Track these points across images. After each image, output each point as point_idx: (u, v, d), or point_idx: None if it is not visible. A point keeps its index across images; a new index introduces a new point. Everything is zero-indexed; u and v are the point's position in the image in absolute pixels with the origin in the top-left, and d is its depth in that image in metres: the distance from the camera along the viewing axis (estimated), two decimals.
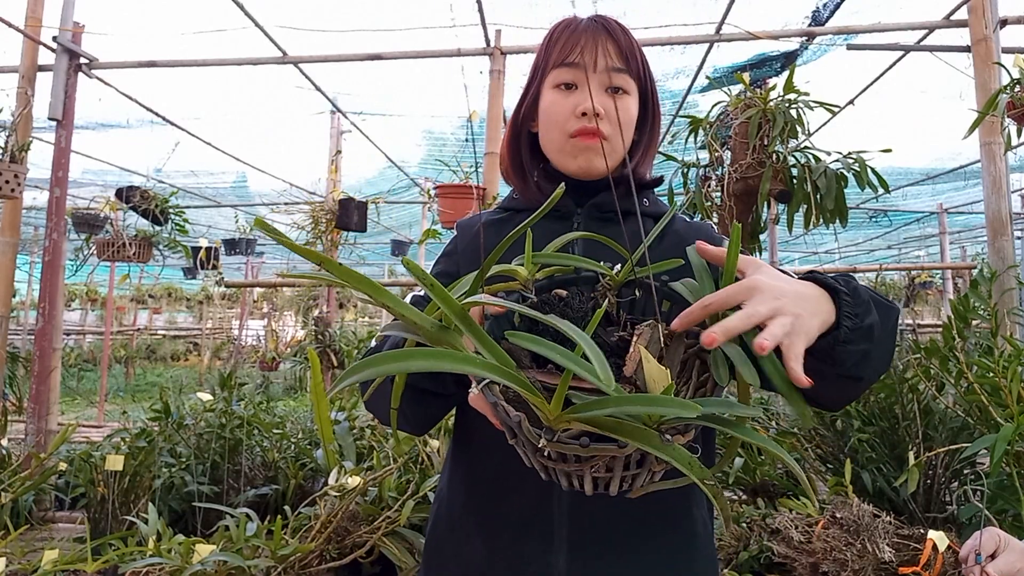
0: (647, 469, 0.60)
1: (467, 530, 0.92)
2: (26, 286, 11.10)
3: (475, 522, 0.92)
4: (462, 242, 1.03)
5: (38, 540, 3.10)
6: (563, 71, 0.94)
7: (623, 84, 0.94)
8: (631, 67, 0.94)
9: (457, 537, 0.93)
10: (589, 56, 0.92)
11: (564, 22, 0.97)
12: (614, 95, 0.93)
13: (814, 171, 2.54)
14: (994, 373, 2.08)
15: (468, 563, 0.91)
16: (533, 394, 0.57)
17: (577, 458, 0.59)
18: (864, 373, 0.71)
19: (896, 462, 2.50)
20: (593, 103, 0.91)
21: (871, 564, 1.98)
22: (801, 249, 12.18)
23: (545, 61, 0.96)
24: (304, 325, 10.25)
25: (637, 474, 0.61)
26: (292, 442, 3.50)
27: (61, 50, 3.83)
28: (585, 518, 0.87)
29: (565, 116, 0.94)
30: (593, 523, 0.87)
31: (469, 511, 0.93)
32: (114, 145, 6.32)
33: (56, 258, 3.83)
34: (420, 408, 0.86)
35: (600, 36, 0.93)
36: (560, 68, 0.94)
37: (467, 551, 0.91)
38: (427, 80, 5.02)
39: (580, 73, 0.92)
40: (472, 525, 0.92)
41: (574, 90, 0.94)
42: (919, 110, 5.50)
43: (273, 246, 12.06)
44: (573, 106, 0.93)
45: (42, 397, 3.71)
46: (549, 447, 0.56)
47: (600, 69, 0.92)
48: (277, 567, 2.12)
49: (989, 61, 3.28)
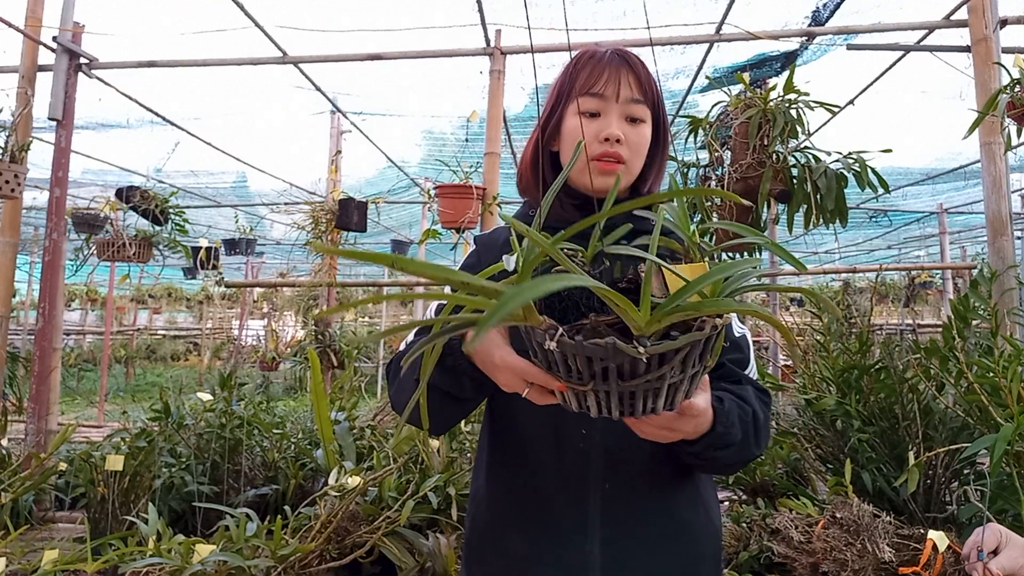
0: (688, 377, 0.68)
1: (507, 527, 1.02)
2: (26, 286, 11.09)
3: (516, 521, 1.02)
4: (486, 256, 1.10)
5: (38, 540, 3.10)
6: (587, 100, 1.03)
7: (641, 115, 1.04)
8: (648, 98, 1.04)
9: (496, 534, 1.03)
10: (612, 88, 1.02)
11: (588, 52, 1.06)
12: (631, 124, 1.04)
13: (814, 171, 2.55)
14: (994, 373, 2.08)
15: (510, 556, 1.01)
16: (623, 301, 0.62)
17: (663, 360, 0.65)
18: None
19: (896, 462, 2.50)
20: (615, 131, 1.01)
21: (871, 564, 1.98)
22: (801, 249, 12.17)
23: (570, 87, 1.05)
24: (304, 325, 10.25)
25: (695, 377, 0.69)
26: (292, 442, 3.50)
27: (61, 50, 3.83)
28: (617, 513, 0.98)
29: (588, 140, 1.02)
30: (623, 518, 0.98)
31: (510, 511, 1.03)
32: (114, 145, 6.31)
33: (56, 258, 3.83)
34: (442, 409, 0.95)
35: (623, 69, 1.03)
36: (585, 97, 1.03)
37: (509, 545, 1.01)
38: (427, 80, 5.02)
39: (604, 102, 1.02)
40: (513, 523, 1.02)
41: (596, 118, 1.03)
42: (919, 110, 5.50)
43: (273, 246, 12.07)
44: (596, 132, 1.02)
45: (42, 397, 3.71)
46: (648, 352, 0.62)
47: (622, 100, 1.02)
48: (277, 567, 2.12)
49: (989, 61, 3.28)
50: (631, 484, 0.99)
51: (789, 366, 5.48)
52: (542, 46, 3.92)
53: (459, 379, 0.89)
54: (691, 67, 4.82)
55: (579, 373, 0.67)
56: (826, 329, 2.87)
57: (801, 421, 3.06)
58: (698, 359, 0.68)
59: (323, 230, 4.72)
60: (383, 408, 4.07)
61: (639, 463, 0.99)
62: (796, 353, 3.41)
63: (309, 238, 4.74)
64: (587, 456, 0.98)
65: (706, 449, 0.88)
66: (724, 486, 3.13)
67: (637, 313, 0.63)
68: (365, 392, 6.62)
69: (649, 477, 0.99)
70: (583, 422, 0.98)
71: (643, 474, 0.99)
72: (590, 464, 0.98)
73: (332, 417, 3.22)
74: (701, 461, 0.92)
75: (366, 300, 0.61)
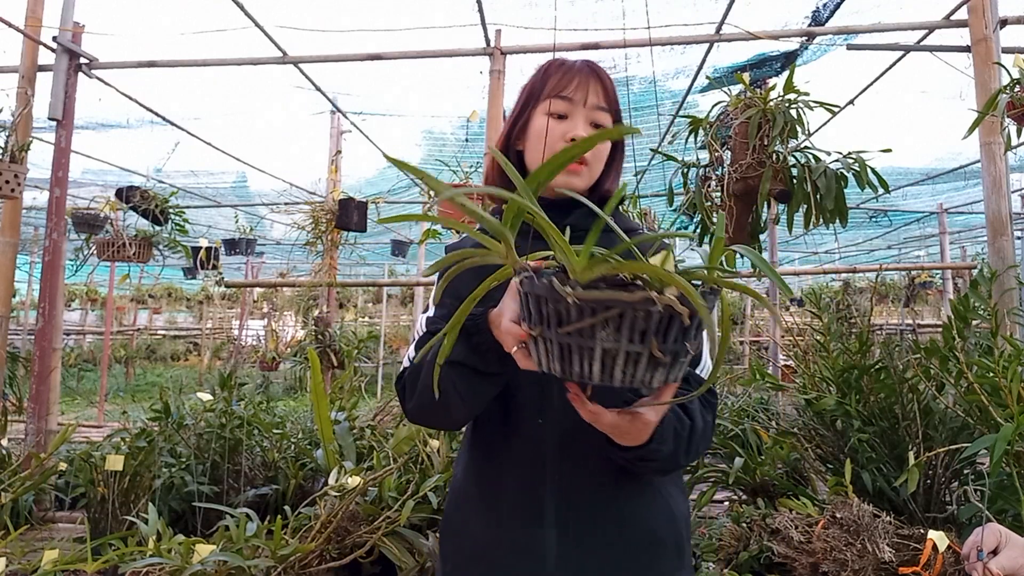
0: (647, 351, 0.70)
1: (473, 511, 1.09)
2: (26, 286, 11.09)
3: (480, 506, 1.09)
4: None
5: (38, 540, 3.10)
6: (557, 102, 1.10)
7: (605, 122, 1.12)
8: (611, 108, 1.12)
9: (465, 517, 1.11)
10: (580, 94, 1.10)
11: (559, 60, 1.14)
12: (596, 129, 1.10)
13: (814, 171, 2.54)
14: (994, 373, 2.08)
15: (474, 538, 1.08)
16: (566, 245, 0.70)
17: (594, 312, 0.69)
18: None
19: (896, 462, 2.50)
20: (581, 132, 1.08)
21: (871, 564, 1.98)
22: (801, 249, 12.19)
23: (540, 90, 1.12)
24: (304, 325, 10.25)
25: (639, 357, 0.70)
26: (292, 442, 3.50)
27: (61, 50, 3.83)
28: (571, 498, 1.03)
29: (554, 140, 1.09)
30: (577, 503, 1.03)
31: (476, 496, 1.10)
32: (114, 145, 6.31)
33: (56, 258, 3.83)
34: (471, 387, 0.98)
35: (592, 78, 1.11)
36: (555, 99, 1.10)
37: (473, 528, 1.08)
38: (427, 80, 5.02)
39: (572, 106, 1.09)
40: (477, 508, 1.09)
41: (563, 120, 1.10)
42: (919, 110, 5.50)
43: (273, 246, 12.07)
44: (563, 133, 1.09)
45: (42, 397, 3.71)
46: (575, 295, 0.68)
47: (589, 105, 1.10)
48: (277, 567, 2.12)
49: (989, 61, 3.28)
50: (583, 472, 1.03)
51: (789, 366, 5.49)
52: (542, 46, 3.92)
53: (484, 355, 0.94)
54: (691, 67, 4.82)
55: (537, 318, 0.74)
56: (826, 329, 2.87)
57: (801, 421, 3.06)
58: (638, 336, 0.69)
59: (323, 230, 4.73)
60: (383, 408, 4.07)
61: (591, 453, 1.01)
62: (780, 320, 3.40)
63: (309, 238, 4.75)
64: (542, 445, 1.04)
65: (635, 459, 0.94)
66: (724, 486, 3.14)
67: (575, 257, 0.70)
68: (365, 392, 6.61)
69: (601, 466, 1.02)
70: (539, 413, 1.04)
71: (595, 463, 1.03)
72: (545, 453, 1.04)
73: (332, 417, 3.21)
74: (628, 464, 0.97)
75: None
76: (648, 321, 0.69)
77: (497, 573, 1.05)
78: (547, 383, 1.02)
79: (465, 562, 1.09)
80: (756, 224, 2.75)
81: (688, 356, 0.75)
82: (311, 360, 3.32)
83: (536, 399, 1.04)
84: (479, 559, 1.07)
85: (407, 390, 1.07)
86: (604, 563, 1.02)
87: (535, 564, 1.01)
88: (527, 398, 1.05)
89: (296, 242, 4.92)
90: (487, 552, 1.05)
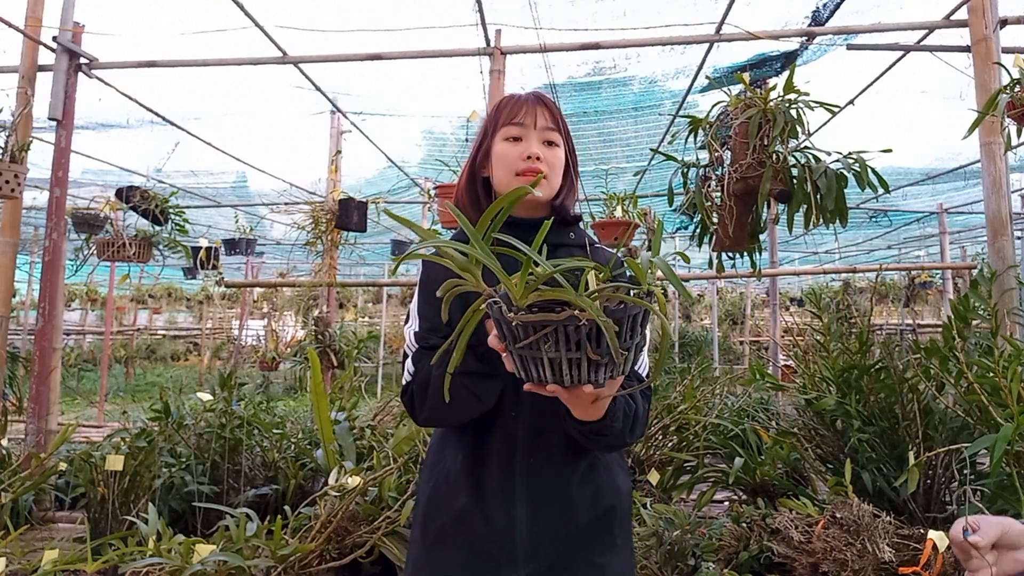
0: (584, 355, 0.84)
1: (455, 490, 1.24)
2: (26, 286, 11.09)
3: (461, 485, 1.23)
4: (432, 271, 1.31)
5: (38, 540, 3.10)
6: (511, 128, 1.28)
7: (555, 139, 1.29)
8: (560, 128, 1.30)
9: (448, 495, 1.24)
10: (530, 118, 1.27)
11: (508, 95, 1.33)
12: (548, 146, 1.28)
13: (814, 171, 2.54)
14: (994, 373, 2.08)
15: (455, 512, 1.23)
16: (507, 278, 0.85)
17: (535, 329, 0.83)
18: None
19: (896, 462, 2.50)
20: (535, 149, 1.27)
21: (871, 564, 1.98)
22: (801, 249, 12.19)
23: (495, 121, 1.30)
24: (304, 325, 10.25)
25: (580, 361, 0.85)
26: (292, 442, 3.50)
27: (61, 50, 3.83)
28: (538, 481, 1.20)
29: (513, 159, 1.26)
30: (543, 484, 1.20)
31: (458, 477, 1.24)
32: (114, 145, 6.31)
33: (56, 258, 3.83)
34: (481, 387, 1.18)
35: (538, 105, 1.29)
36: (509, 126, 1.28)
37: (454, 504, 1.23)
38: (427, 80, 5.02)
39: (524, 130, 1.27)
40: (459, 487, 1.23)
41: (519, 142, 1.27)
42: (919, 110, 5.50)
43: (273, 246, 12.07)
44: (521, 152, 1.26)
45: (42, 397, 3.71)
46: (515, 318, 0.82)
47: (539, 127, 1.28)
48: (277, 567, 2.12)
49: (989, 61, 3.28)
50: (548, 457, 1.21)
51: (789, 366, 5.49)
52: (542, 46, 3.92)
53: (490, 361, 1.11)
54: (691, 67, 4.82)
55: (502, 335, 0.89)
56: (826, 329, 2.87)
57: (801, 421, 3.06)
58: (574, 345, 0.83)
59: (323, 230, 4.73)
60: (383, 408, 4.07)
61: (555, 441, 1.20)
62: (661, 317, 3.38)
63: (309, 238, 4.75)
64: (515, 434, 1.21)
65: (590, 432, 1.09)
66: (724, 486, 3.14)
67: (514, 288, 0.84)
68: (365, 392, 6.61)
69: (563, 451, 1.21)
70: (513, 407, 1.21)
71: (558, 449, 1.21)
72: (517, 441, 1.21)
73: (332, 417, 3.22)
74: (583, 438, 1.12)
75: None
76: (579, 332, 0.82)
77: (476, 543, 1.20)
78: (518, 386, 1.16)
79: (447, 533, 1.23)
80: (756, 224, 2.75)
81: (628, 352, 0.87)
82: (311, 360, 3.32)
83: (512, 396, 1.21)
84: (459, 530, 1.22)
85: (416, 401, 1.23)
86: (566, 535, 1.20)
87: (508, 533, 1.18)
88: (505, 395, 1.21)
89: (296, 242, 4.92)
90: (465, 524, 1.21)
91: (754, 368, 3.16)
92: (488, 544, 1.19)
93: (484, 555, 1.19)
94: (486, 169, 1.32)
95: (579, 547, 1.21)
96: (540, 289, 0.83)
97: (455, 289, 0.93)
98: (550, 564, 1.18)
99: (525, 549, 1.18)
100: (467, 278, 0.92)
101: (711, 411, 3.83)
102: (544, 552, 1.18)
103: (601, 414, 1.06)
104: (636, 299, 0.85)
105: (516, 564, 1.18)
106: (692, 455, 3.41)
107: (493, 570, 1.19)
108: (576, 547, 1.20)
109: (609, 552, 1.23)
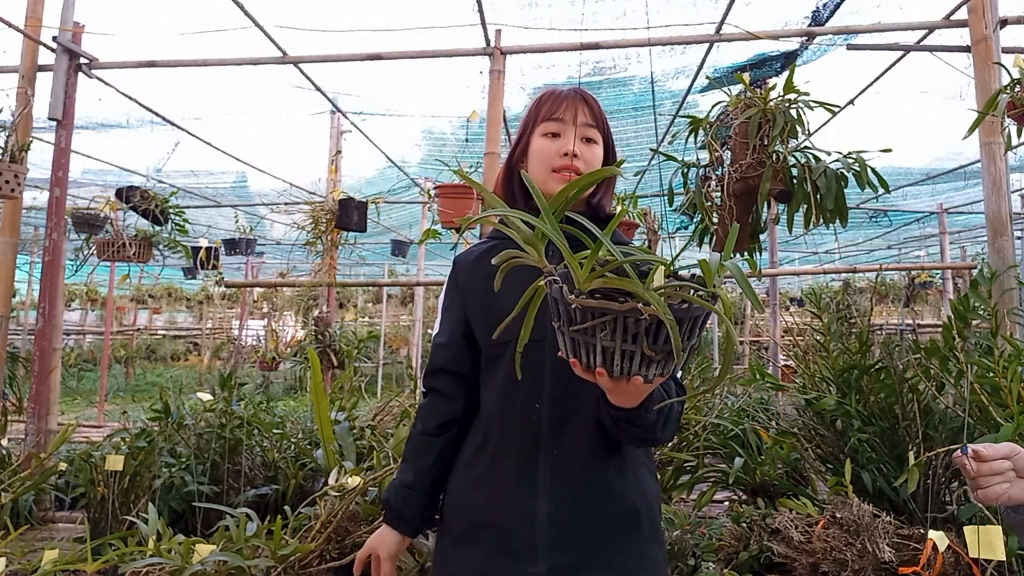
0: (639, 349, 0.83)
1: (477, 486, 1.25)
2: (26, 286, 11.09)
3: (483, 481, 1.24)
4: (463, 276, 1.34)
5: (38, 540, 3.10)
6: (550, 123, 1.27)
7: (594, 136, 1.29)
8: (599, 126, 1.30)
9: (470, 491, 1.26)
10: (570, 114, 1.27)
11: (551, 90, 1.32)
12: (587, 143, 1.28)
13: (814, 171, 2.54)
14: (994, 373, 2.09)
15: (477, 508, 1.24)
16: (573, 258, 0.83)
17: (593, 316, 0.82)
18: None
19: (896, 462, 2.50)
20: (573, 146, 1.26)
21: (871, 564, 1.98)
22: (801, 249, 12.18)
23: (535, 116, 1.30)
24: (304, 325, 10.25)
25: (634, 354, 0.83)
26: (292, 442, 3.50)
27: (61, 50, 3.83)
28: (561, 475, 1.19)
29: (550, 156, 1.26)
30: (565, 479, 1.18)
31: (480, 473, 1.25)
32: (114, 145, 6.31)
33: (56, 258, 3.83)
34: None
35: (579, 101, 1.28)
36: (548, 121, 1.27)
37: (476, 500, 1.24)
38: (427, 80, 5.02)
39: (563, 125, 1.26)
40: (482, 482, 1.24)
41: (557, 138, 1.27)
42: (919, 110, 5.50)
43: (273, 246, 12.06)
44: (558, 148, 1.26)
45: (42, 397, 3.71)
46: (576, 301, 0.81)
47: (579, 124, 1.27)
48: (277, 567, 2.12)
49: (989, 61, 3.28)
50: (572, 452, 1.19)
51: (789, 366, 5.48)
52: (542, 46, 3.92)
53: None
54: (691, 67, 4.82)
55: (556, 315, 0.88)
56: (826, 329, 2.87)
57: (801, 421, 3.06)
58: (631, 338, 0.82)
59: (323, 230, 4.73)
60: (383, 408, 4.07)
61: (579, 435, 1.19)
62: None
63: (309, 238, 4.75)
64: (538, 428, 1.20)
65: (623, 419, 1.05)
66: (724, 486, 3.14)
67: (579, 270, 0.83)
68: (365, 392, 6.61)
69: (587, 447, 1.19)
70: (536, 398, 1.20)
71: (582, 444, 1.19)
72: (540, 435, 1.20)
73: (332, 417, 3.21)
74: (615, 425, 1.08)
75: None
76: (638, 326, 0.81)
77: (498, 536, 1.19)
78: (541, 377, 1.20)
79: (470, 528, 1.24)
80: (756, 224, 2.75)
81: (684, 353, 0.84)
82: (311, 360, 3.32)
83: (532, 388, 1.20)
84: (482, 525, 1.22)
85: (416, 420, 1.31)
86: (589, 530, 1.18)
87: (529, 530, 1.17)
88: (526, 389, 1.20)
89: (296, 242, 4.92)
90: (488, 518, 1.21)
91: (754, 368, 3.16)
92: (509, 536, 1.18)
93: (506, 548, 1.18)
94: (524, 164, 1.31)
95: (603, 545, 1.18)
96: (606, 276, 0.81)
97: (513, 260, 0.91)
98: (572, 561, 1.16)
99: (546, 542, 1.16)
100: (530, 251, 0.90)
101: (711, 411, 3.83)
102: (566, 547, 1.16)
103: (637, 403, 1.03)
104: (701, 300, 0.81)
105: (536, 557, 1.16)
106: (692, 455, 3.40)
107: (515, 562, 1.17)
108: (600, 545, 1.18)
109: (634, 554, 1.20)
